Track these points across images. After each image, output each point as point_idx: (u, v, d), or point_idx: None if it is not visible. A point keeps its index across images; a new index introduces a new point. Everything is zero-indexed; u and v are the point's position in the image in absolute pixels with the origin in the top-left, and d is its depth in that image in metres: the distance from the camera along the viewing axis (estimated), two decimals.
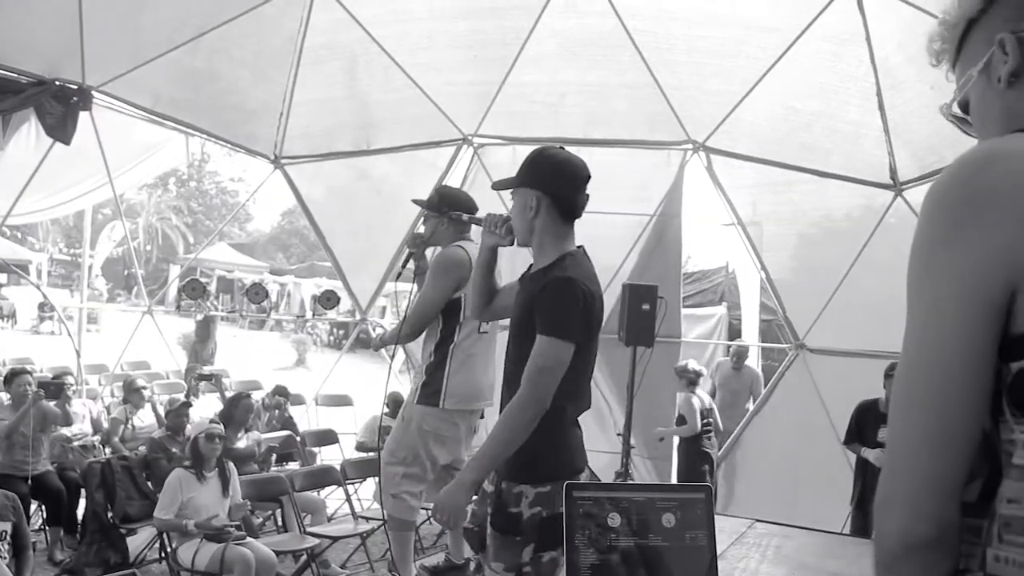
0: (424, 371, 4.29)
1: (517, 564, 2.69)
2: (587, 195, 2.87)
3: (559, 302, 2.69)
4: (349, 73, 7.58)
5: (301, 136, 8.01)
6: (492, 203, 8.13)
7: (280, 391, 8.30)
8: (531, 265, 2.96)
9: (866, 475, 6.25)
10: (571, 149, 8.38)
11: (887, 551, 1.02)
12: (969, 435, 0.98)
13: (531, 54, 7.11)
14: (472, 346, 4.25)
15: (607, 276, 7.92)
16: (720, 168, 7.65)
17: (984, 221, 0.97)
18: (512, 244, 3.01)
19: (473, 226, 4.17)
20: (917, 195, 6.99)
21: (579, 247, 2.89)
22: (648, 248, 7.83)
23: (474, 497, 2.84)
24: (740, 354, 8.88)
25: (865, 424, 6.29)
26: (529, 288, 2.85)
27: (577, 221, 2.93)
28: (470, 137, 8.01)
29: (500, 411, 2.88)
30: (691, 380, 7.35)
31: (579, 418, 2.91)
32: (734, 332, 11.40)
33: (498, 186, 3.02)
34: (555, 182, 2.83)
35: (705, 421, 7.42)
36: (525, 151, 8.03)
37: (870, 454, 6.03)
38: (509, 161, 7.97)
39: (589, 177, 2.87)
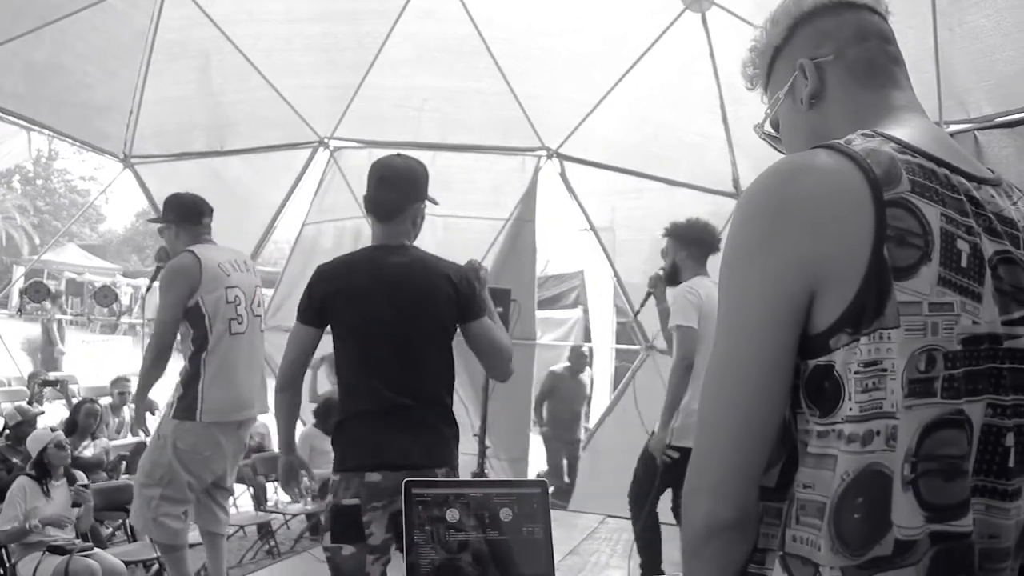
0: (179, 384, 4.09)
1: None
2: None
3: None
4: (202, 72, 7.38)
5: (153, 135, 7.75)
6: (348, 206, 8.15)
7: (120, 379, 8.09)
8: None
9: None
10: (427, 154, 8.47)
11: (694, 534, 1.10)
12: (770, 427, 1.06)
13: (388, 59, 7.12)
14: (227, 351, 4.07)
15: None
16: (573, 175, 7.83)
17: (789, 230, 1.05)
18: None
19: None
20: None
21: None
22: (503, 252, 7.94)
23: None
24: (578, 357, 9.20)
25: None
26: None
27: (434, 224, 3.15)
28: (326, 140, 7.96)
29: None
30: None
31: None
32: (590, 335, 11.71)
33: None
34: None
35: None
36: (382, 154, 8.12)
37: None
38: (365, 164, 7.91)
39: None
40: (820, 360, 1.04)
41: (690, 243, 4.80)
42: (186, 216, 4.32)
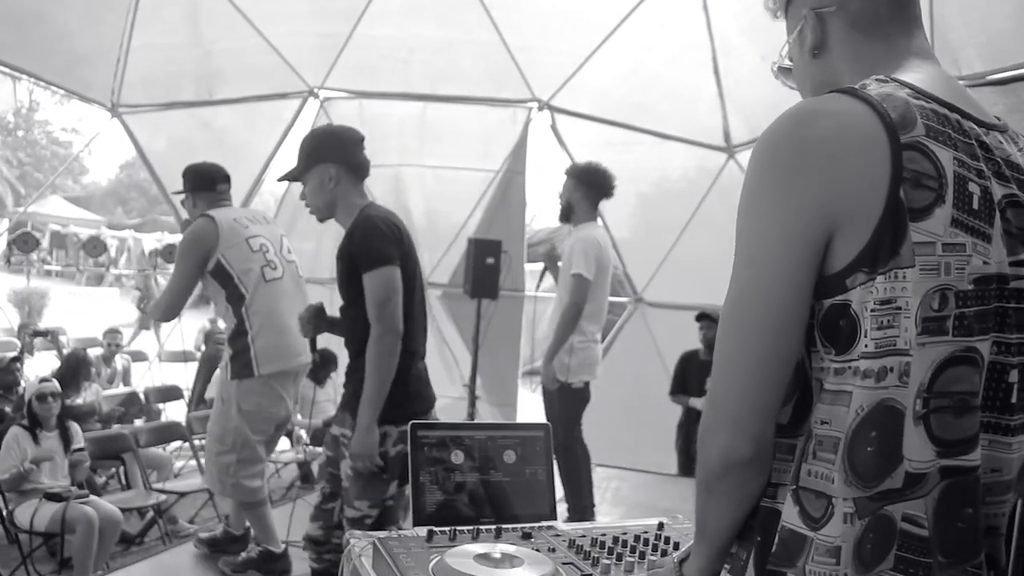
0: (228, 344, 4.07)
1: (382, 499, 2.89)
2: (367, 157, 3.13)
3: (368, 236, 2.89)
4: (191, 20, 7.27)
5: (141, 83, 7.66)
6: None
7: (111, 331, 8.11)
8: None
9: (689, 423, 6.66)
10: (418, 104, 8.38)
11: (710, 470, 1.13)
12: (787, 366, 1.09)
13: (379, 8, 7.03)
14: (267, 298, 4.04)
15: (453, 231, 8.04)
16: (564, 127, 7.83)
17: (807, 172, 1.06)
18: None
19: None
20: (748, 158, 7.39)
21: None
22: (493, 204, 7.95)
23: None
24: None
25: (688, 373, 6.70)
26: (344, 250, 3.01)
27: (423, 175, 3.16)
28: (316, 90, 7.90)
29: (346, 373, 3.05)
30: None
31: (427, 366, 3.11)
32: None
33: (288, 178, 3.18)
34: (345, 151, 3.04)
35: None
36: (372, 105, 8.06)
37: (697, 402, 6.44)
38: (356, 115, 7.92)
39: (363, 137, 3.13)
40: (836, 299, 1.06)
41: (587, 185, 4.99)
42: (200, 185, 4.32)
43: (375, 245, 2.88)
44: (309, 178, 3.06)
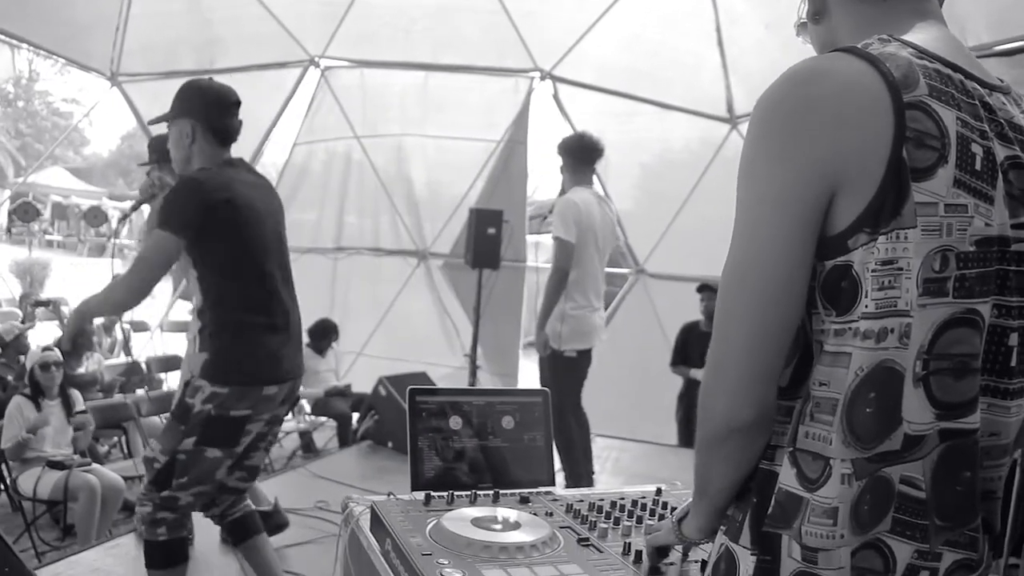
0: (196, 317, 3.81)
1: (172, 449, 2.85)
2: (240, 120, 3.07)
3: (169, 197, 2.89)
4: None
5: (141, 52, 7.63)
6: (339, 126, 8.09)
7: None
8: None
9: (690, 394, 6.67)
10: (419, 74, 8.30)
11: (713, 434, 1.12)
12: (789, 329, 1.07)
13: None
14: None
15: (454, 201, 8.02)
16: (566, 96, 7.79)
17: (808, 131, 1.04)
18: None
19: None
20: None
21: (238, 159, 3.09)
22: (495, 174, 7.93)
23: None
24: None
25: (689, 344, 6.70)
26: None
27: (425, 145, 3.09)
28: (317, 59, 7.86)
29: None
30: None
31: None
32: None
33: (154, 121, 3.16)
34: (207, 110, 2.99)
35: None
36: (373, 74, 8.00)
37: (697, 373, 6.44)
38: (357, 84, 7.88)
39: (238, 102, 3.08)
40: (838, 260, 1.05)
41: (568, 153, 4.92)
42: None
43: (164, 207, 2.88)
44: (172, 128, 3.05)
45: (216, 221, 2.85)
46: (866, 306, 1.03)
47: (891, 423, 1.04)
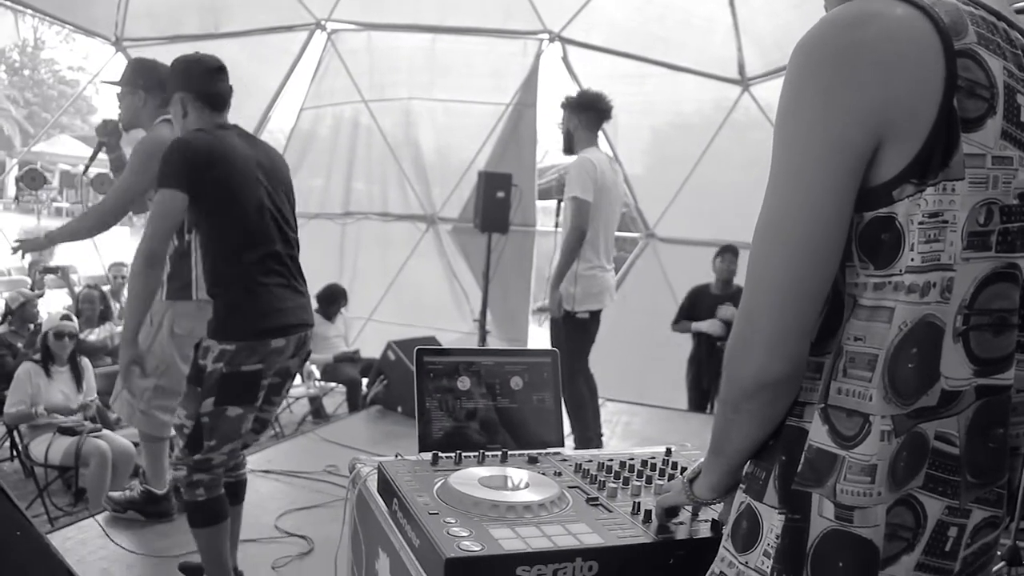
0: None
1: (196, 413, 2.88)
2: (229, 84, 3.10)
3: (166, 157, 2.89)
4: None
5: (145, 16, 7.57)
6: (346, 90, 8.02)
7: (116, 264, 8.15)
8: None
9: (700, 355, 6.62)
10: (427, 36, 8.24)
11: (741, 389, 1.09)
12: (825, 282, 1.04)
13: None
14: None
15: (463, 165, 7.97)
16: (575, 59, 7.71)
17: (858, 75, 1.00)
18: None
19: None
20: (763, 91, 7.27)
21: (233, 125, 3.11)
22: (504, 137, 7.88)
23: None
24: None
25: (698, 306, 6.64)
26: None
27: (433, 109, 3.07)
28: (323, 22, 7.78)
29: None
30: None
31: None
32: None
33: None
34: (190, 79, 3.03)
35: None
36: (380, 37, 7.93)
37: (702, 325, 6.40)
38: (364, 48, 7.81)
39: (222, 67, 3.10)
40: (880, 211, 1.02)
41: (583, 110, 4.81)
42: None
43: (161, 167, 2.88)
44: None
45: (210, 177, 2.87)
46: (911, 259, 1.00)
47: (930, 379, 1.02)
